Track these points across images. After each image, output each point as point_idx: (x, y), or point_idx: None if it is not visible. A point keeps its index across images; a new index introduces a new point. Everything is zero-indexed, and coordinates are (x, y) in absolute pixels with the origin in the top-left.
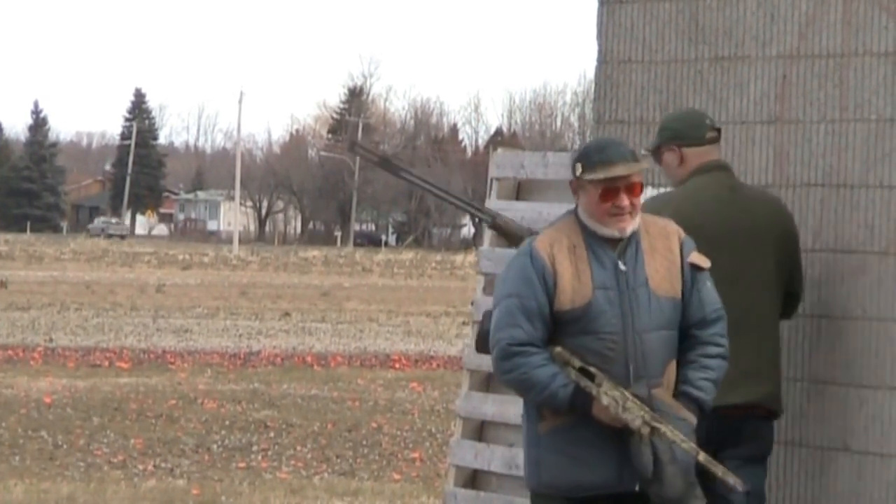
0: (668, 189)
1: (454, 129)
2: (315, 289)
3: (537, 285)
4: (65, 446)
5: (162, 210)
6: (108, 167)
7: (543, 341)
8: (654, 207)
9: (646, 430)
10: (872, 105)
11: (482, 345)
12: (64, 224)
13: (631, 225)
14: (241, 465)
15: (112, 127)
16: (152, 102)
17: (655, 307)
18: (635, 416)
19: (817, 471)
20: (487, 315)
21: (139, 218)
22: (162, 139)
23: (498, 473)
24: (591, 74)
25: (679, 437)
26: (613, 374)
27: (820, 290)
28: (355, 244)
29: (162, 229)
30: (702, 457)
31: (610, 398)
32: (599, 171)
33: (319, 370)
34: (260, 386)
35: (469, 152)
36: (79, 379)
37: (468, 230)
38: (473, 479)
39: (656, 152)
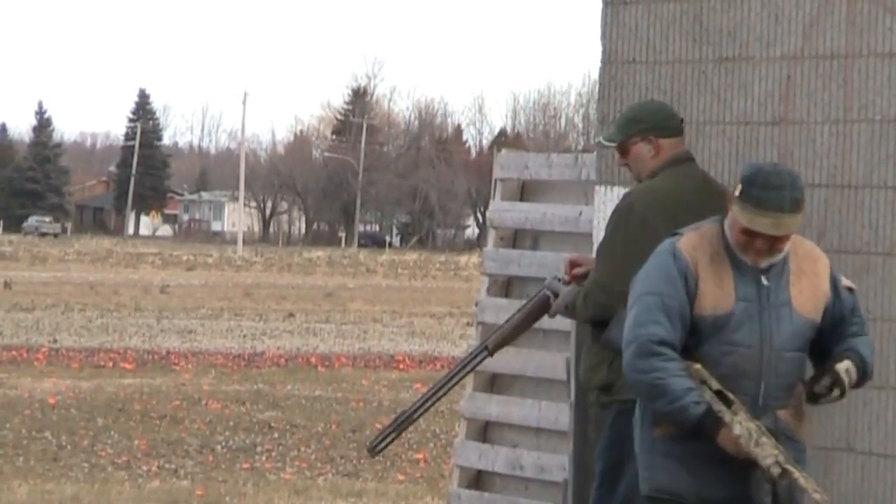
0: (629, 187)
1: (458, 130)
2: (319, 289)
3: (679, 284)
4: (69, 447)
5: (166, 211)
6: (112, 168)
7: (681, 344)
8: (640, 200)
9: (776, 471)
10: (876, 106)
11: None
12: (68, 225)
13: (768, 261)
14: (245, 465)
15: (116, 127)
16: (156, 103)
17: (796, 328)
18: (768, 453)
19: (821, 471)
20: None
21: (143, 218)
22: (166, 140)
23: (502, 474)
24: (595, 75)
25: (812, 485)
26: (744, 388)
27: None
28: (359, 245)
29: (166, 230)
30: None
31: (744, 429)
32: (747, 213)
33: (323, 371)
34: (264, 387)
35: (473, 153)
36: (83, 380)
37: (472, 231)
38: (477, 479)
39: (622, 144)
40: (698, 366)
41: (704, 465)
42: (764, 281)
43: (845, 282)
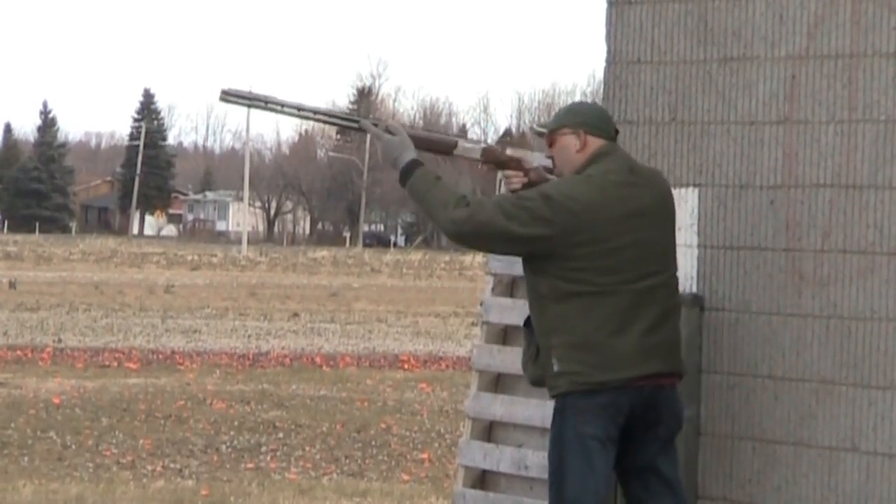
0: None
1: (463, 130)
2: (324, 289)
3: None
4: (73, 447)
5: (171, 211)
6: (116, 168)
7: None
8: (561, 190)
9: None
10: (881, 106)
11: None
12: (73, 225)
13: None
14: (250, 465)
15: (121, 127)
16: (161, 103)
17: None
18: None
19: (826, 471)
20: None
21: (148, 218)
22: (171, 139)
23: (507, 474)
24: (600, 75)
25: None
26: None
27: (829, 290)
28: (364, 244)
29: (171, 230)
30: None
31: None
32: None
33: (328, 371)
34: (269, 386)
35: None
36: (87, 379)
37: None
38: (482, 479)
39: (552, 133)
40: None
41: None
42: None
43: None
